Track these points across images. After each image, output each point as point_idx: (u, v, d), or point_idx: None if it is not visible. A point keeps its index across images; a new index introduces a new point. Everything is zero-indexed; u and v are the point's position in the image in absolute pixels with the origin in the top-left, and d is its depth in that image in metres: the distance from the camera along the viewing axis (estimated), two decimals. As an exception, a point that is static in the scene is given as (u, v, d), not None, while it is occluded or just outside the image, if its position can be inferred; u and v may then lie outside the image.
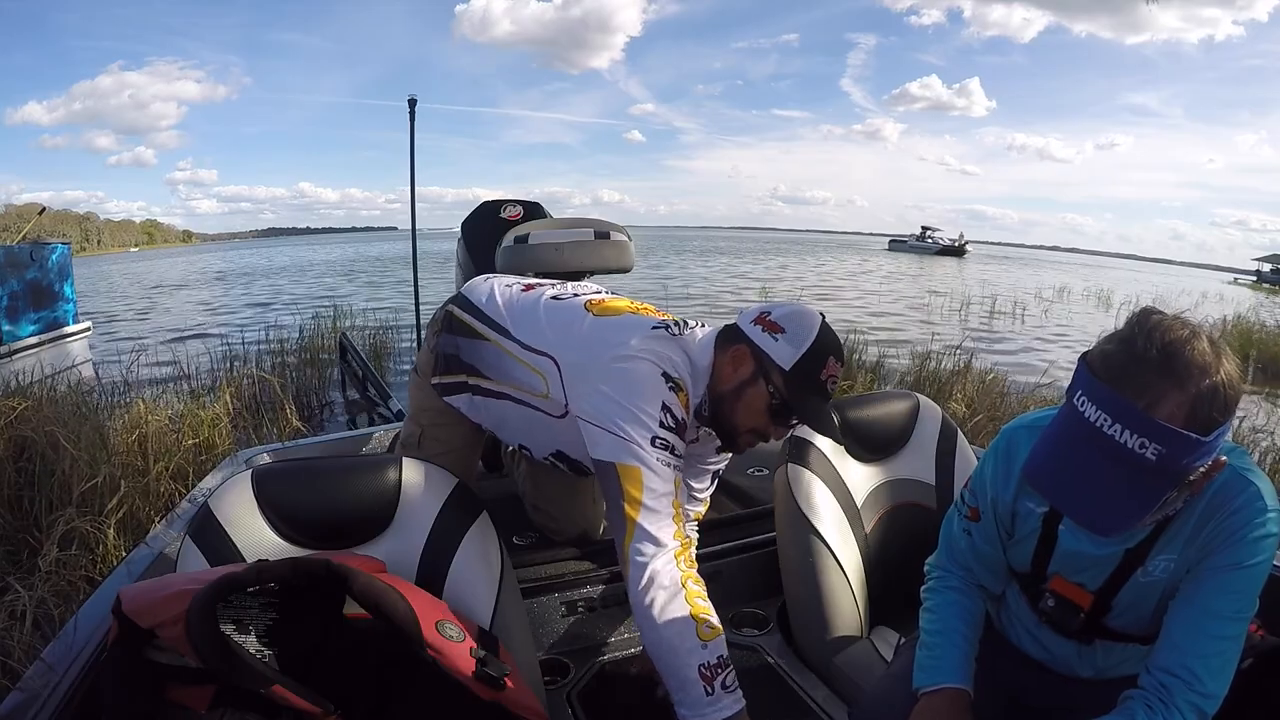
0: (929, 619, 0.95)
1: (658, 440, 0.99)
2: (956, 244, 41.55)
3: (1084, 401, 0.69)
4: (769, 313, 1.07)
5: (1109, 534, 0.72)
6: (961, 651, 0.90)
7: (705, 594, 0.97)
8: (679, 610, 0.93)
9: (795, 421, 1.09)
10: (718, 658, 0.92)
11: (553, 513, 1.46)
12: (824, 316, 1.08)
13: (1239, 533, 0.74)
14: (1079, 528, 0.84)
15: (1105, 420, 0.66)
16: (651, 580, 0.94)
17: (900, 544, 1.35)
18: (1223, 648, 0.74)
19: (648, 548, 0.95)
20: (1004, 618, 0.99)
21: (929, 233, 46.25)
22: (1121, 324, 0.72)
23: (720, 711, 0.91)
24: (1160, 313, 0.70)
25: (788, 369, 1.03)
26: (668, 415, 1.00)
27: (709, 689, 0.91)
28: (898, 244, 48.45)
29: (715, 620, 0.95)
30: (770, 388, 1.04)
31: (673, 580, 0.94)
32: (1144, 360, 0.66)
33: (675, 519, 0.97)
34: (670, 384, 1.03)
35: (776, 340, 1.04)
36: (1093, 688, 0.89)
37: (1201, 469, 0.69)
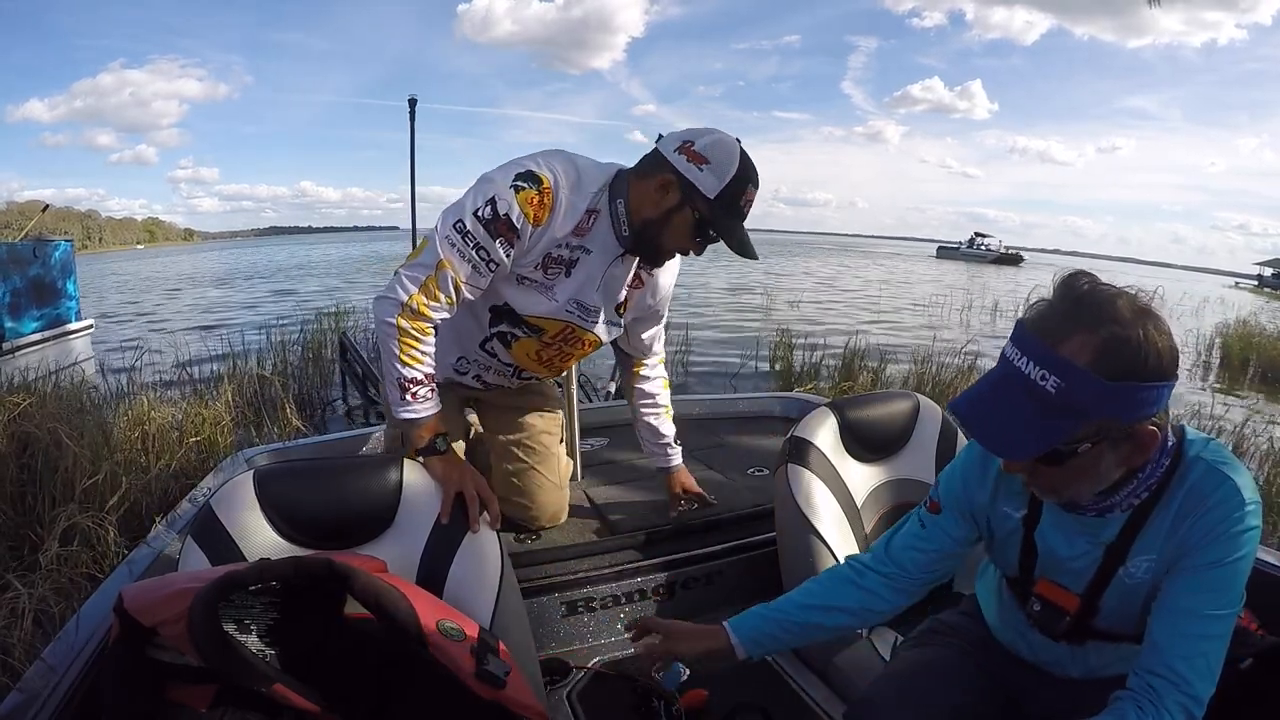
0: (802, 587, 0.99)
1: (459, 224, 1.12)
2: (1012, 252, 40.19)
3: (1008, 347, 0.74)
4: (692, 142, 1.14)
5: (1004, 456, 0.76)
6: (771, 620, 0.95)
7: (421, 341, 1.13)
8: (392, 338, 1.12)
9: (715, 238, 1.18)
10: (416, 379, 1.13)
11: (523, 502, 1.48)
12: (740, 142, 1.16)
13: (1217, 529, 0.73)
14: (1052, 528, 0.85)
15: (1016, 354, 0.72)
16: (385, 310, 1.13)
17: None
18: (1206, 647, 0.73)
19: (395, 291, 1.12)
20: (998, 620, 0.99)
21: (980, 239, 44.80)
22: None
23: (407, 412, 1.13)
24: (1087, 274, 0.74)
25: (713, 197, 1.13)
26: (488, 208, 1.11)
27: (404, 397, 1.13)
28: (947, 251, 46.88)
29: (418, 354, 1.13)
30: (696, 214, 1.15)
31: (392, 316, 1.12)
32: (1059, 308, 0.71)
33: (424, 288, 1.12)
34: (518, 182, 1.11)
35: (702, 171, 1.13)
36: (1087, 688, 0.89)
37: (1123, 424, 0.70)
